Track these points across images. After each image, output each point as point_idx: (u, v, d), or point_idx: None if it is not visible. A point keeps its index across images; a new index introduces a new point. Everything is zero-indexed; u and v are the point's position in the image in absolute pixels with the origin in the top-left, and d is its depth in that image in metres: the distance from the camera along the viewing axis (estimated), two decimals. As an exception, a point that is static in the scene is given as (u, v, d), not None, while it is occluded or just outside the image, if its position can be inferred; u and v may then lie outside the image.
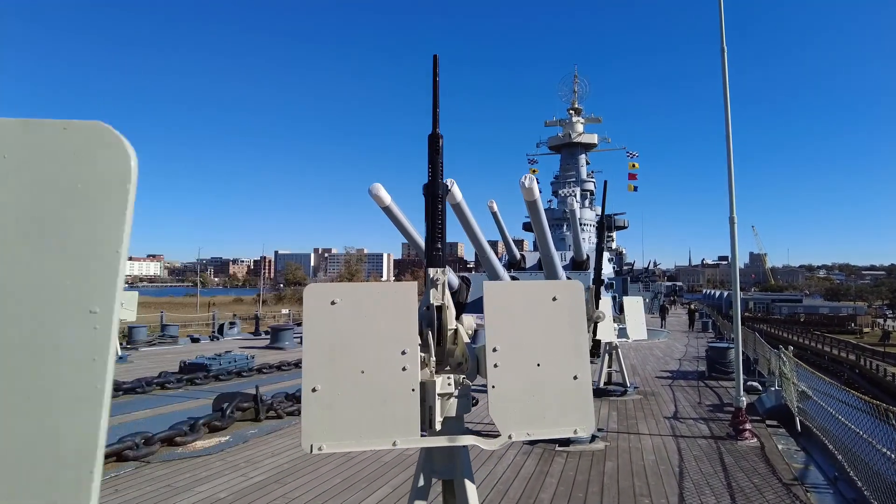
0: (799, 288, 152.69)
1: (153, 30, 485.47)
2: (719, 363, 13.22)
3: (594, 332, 6.85)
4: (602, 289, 28.49)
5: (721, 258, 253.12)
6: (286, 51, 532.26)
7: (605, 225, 6.72)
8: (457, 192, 20.16)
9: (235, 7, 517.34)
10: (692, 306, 40.01)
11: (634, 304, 11.02)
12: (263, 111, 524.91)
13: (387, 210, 20.68)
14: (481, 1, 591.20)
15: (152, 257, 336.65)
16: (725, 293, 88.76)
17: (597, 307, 6.76)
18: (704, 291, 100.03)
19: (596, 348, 6.78)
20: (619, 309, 37.58)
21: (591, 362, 6.76)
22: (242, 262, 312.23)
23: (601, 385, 10.87)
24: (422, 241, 18.35)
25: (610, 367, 11.18)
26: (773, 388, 8.56)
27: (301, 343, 2.29)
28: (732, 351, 13.38)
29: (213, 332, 24.76)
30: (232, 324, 26.08)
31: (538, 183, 21.54)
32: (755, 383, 10.65)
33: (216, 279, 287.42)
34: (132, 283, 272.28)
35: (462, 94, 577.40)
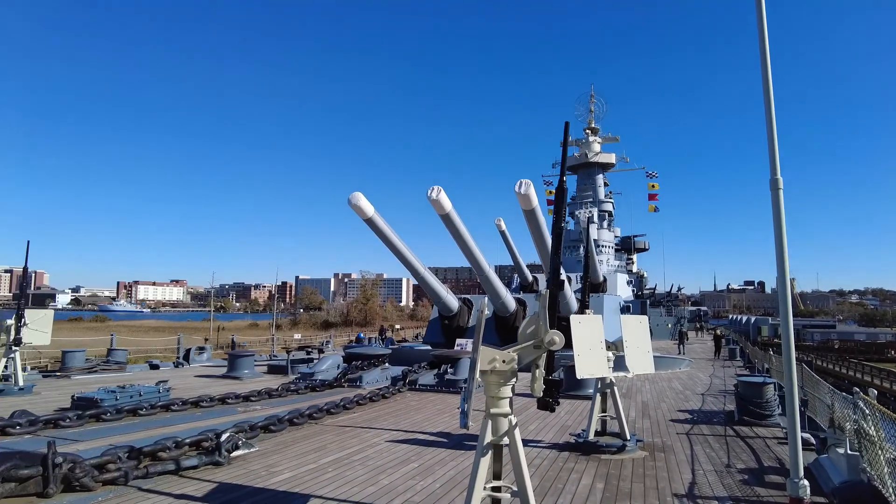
0: (830, 313, 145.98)
1: (176, 58, 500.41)
2: (753, 403, 10.20)
3: (548, 366, 4.13)
4: (602, 298, 24.60)
5: (747, 283, 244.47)
6: (312, 78, 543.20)
7: (564, 191, 3.74)
8: (445, 200, 17.54)
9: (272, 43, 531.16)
10: (718, 332, 36.81)
11: (636, 326, 7.99)
12: (289, 143, 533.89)
13: (370, 222, 18.09)
14: (493, 34, 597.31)
15: (175, 282, 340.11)
16: (753, 318, 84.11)
17: (552, 326, 4.06)
18: (730, 317, 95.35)
19: (552, 389, 4.08)
20: (677, 336, 33.53)
21: (551, 405, 4.21)
22: (264, 287, 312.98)
23: (590, 437, 7.99)
24: (410, 254, 15.42)
25: (604, 411, 8.30)
26: (840, 451, 5.63)
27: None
28: (770, 388, 10.36)
29: (178, 358, 22.38)
30: (201, 349, 23.63)
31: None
32: (807, 435, 7.63)
33: (237, 304, 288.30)
34: (155, 307, 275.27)
35: (474, 106, 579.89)
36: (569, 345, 4.88)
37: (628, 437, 7.91)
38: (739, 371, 23.83)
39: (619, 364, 7.94)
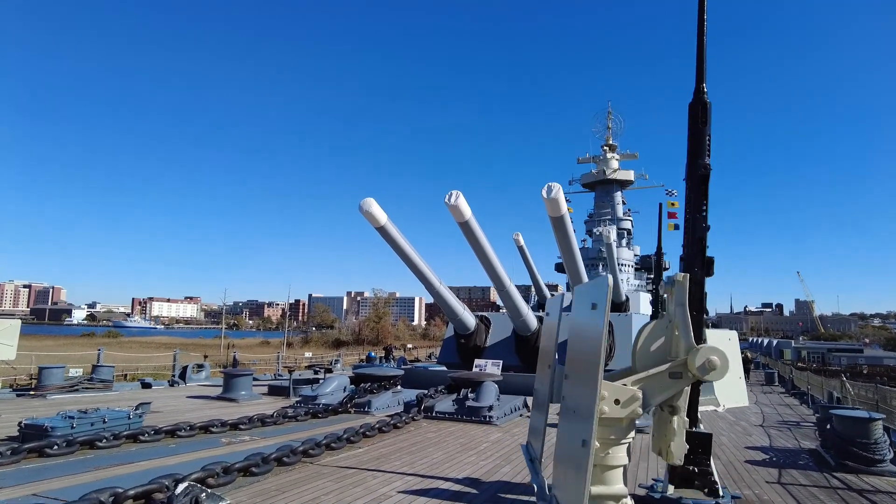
0: (854, 337, 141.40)
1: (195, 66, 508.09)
2: (857, 444, 8.15)
3: (692, 409, 2.28)
4: (630, 317, 22.48)
5: (765, 305, 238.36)
6: (332, 97, 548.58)
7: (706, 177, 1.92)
8: (464, 206, 15.76)
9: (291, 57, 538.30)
10: (748, 354, 35.01)
11: (725, 345, 6.10)
12: (301, 162, 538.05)
13: (382, 230, 16.37)
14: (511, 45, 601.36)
15: (190, 299, 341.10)
16: (775, 341, 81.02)
17: (701, 337, 2.24)
18: (750, 339, 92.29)
19: (699, 450, 2.19)
20: None
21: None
22: (277, 304, 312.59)
23: (669, 491, 6.03)
24: (425, 267, 13.46)
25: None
26: None
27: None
28: (877, 426, 8.32)
29: (173, 376, 20.63)
30: (200, 366, 21.87)
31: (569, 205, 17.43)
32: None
33: (250, 322, 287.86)
34: (169, 324, 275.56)
35: (483, 117, 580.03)
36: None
37: (720, 492, 5.94)
38: (785, 397, 21.66)
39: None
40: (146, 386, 18.56)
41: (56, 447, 7.60)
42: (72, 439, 7.85)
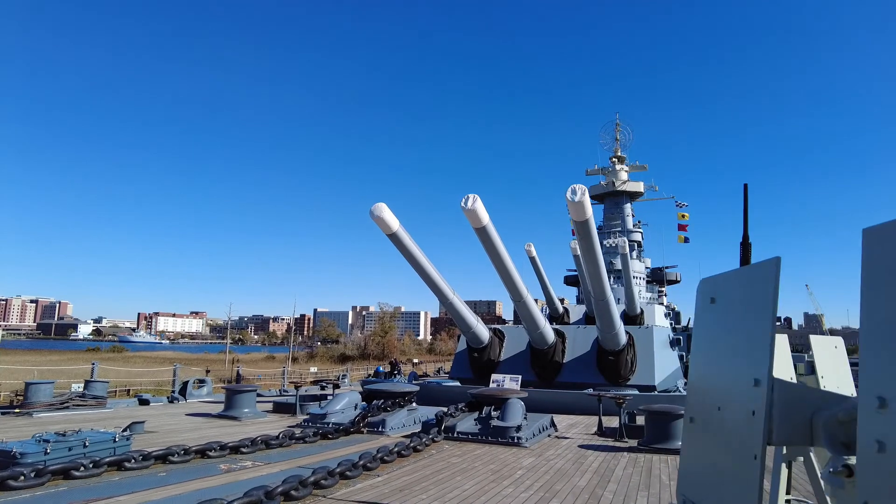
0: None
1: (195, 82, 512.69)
2: None
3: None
4: (651, 330, 21.04)
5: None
6: (327, 109, 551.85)
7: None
8: (482, 211, 14.62)
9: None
10: None
11: (832, 353, 4.87)
12: (306, 173, 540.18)
13: (393, 237, 15.27)
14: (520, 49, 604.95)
15: (195, 314, 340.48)
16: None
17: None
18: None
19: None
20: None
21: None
22: (283, 319, 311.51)
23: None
24: (438, 276, 12.35)
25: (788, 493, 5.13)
26: None
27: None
28: None
29: (173, 392, 19.50)
30: (201, 381, 20.75)
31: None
32: None
33: (256, 337, 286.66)
34: (174, 339, 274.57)
35: (494, 134, 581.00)
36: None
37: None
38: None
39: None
40: (144, 402, 17.44)
41: (23, 478, 6.46)
42: (42, 468, 6.70)
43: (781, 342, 4.57)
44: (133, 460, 7.64)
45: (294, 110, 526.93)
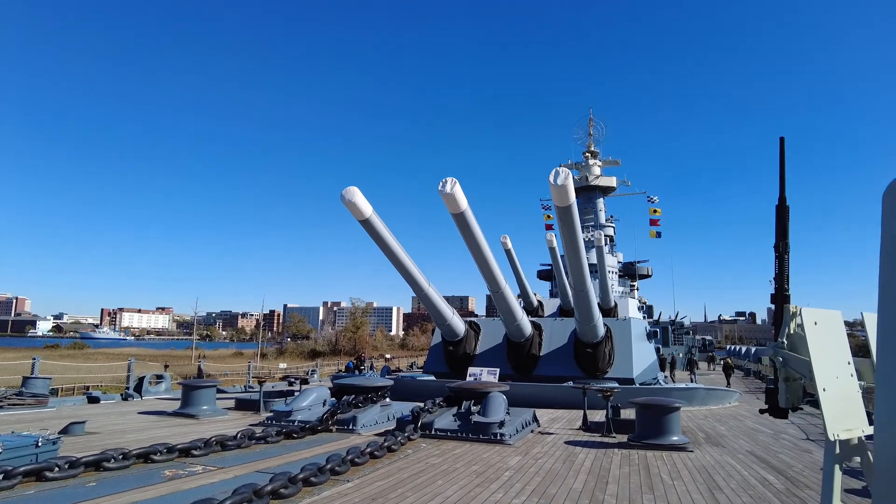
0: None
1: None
2: None
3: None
4: (629, 322, 20.62)
5: (738, 314, 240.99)
6: (303, 101, 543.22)
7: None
8: (460, 196, 13.64)
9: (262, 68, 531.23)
10: (729, 361, 34.51)
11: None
12: (274, 166, 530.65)
13: (366, 224, 14.18)
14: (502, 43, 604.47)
15: (161, 310, 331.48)
16: (753, 349, 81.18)
17: None
18: (728, 347, 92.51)
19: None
20: (686, 365, 29.61)
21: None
22: (252, 315, 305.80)
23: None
24: (413, 266, 11.56)
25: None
26: None
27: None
28: None
29: (127, 388, 18.11)
30: (159, 377, 19.40)
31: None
32: None
33: (224, 333, 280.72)
34: (139, 335, 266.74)
35: (469, 126, 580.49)
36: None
37: None
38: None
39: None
40: (93, 400, 16.08)
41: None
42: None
43: (833, 319, 3.75)
44: (57, 468, 6.50)
45: (263, 105, 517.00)
